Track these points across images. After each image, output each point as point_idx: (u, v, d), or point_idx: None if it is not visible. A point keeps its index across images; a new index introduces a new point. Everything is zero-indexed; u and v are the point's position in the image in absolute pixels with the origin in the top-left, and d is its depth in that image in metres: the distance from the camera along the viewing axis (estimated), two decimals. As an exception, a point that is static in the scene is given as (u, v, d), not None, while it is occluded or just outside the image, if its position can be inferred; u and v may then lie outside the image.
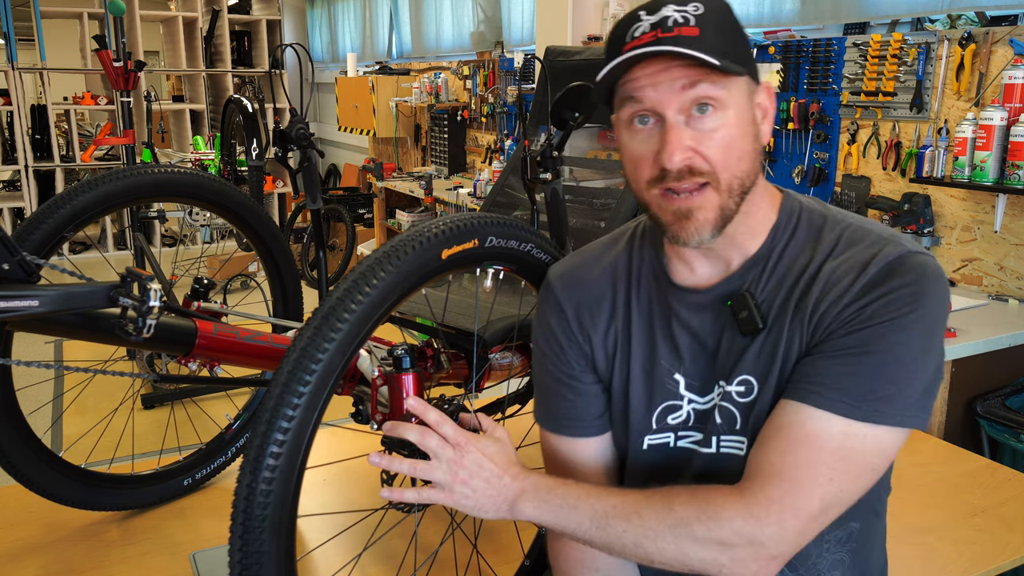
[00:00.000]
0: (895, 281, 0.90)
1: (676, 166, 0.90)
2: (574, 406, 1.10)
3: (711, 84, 0.89)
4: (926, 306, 0.90)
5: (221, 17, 7.89)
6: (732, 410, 1.00)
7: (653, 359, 1.05)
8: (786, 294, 0.97)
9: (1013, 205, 2.65)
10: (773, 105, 0.99)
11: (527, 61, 4.91)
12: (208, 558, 1.52)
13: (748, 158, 0.94)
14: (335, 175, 8.58)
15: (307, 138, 1.84)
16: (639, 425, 1.06)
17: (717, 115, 0.91)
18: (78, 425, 3.55)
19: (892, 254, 0.92)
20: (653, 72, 0.90)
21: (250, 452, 0.92)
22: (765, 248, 0.99)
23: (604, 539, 0.95)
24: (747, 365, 0.98)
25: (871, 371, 0.89)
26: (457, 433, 1.00)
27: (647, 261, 1.07)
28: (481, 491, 0.99)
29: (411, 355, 1.19)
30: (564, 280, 1.12)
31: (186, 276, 5.36)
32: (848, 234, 0.97)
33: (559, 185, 1.56)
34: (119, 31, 3.66)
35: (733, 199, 0.93)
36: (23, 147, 6.88)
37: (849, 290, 0.92)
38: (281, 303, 1.85)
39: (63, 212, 1.42)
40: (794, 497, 0.89)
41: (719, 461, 1.02)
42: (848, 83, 3.10)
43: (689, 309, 1.03)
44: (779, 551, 0.90)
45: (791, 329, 0.95)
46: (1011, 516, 1.66)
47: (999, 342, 2.29)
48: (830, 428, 0.90)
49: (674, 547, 0.91)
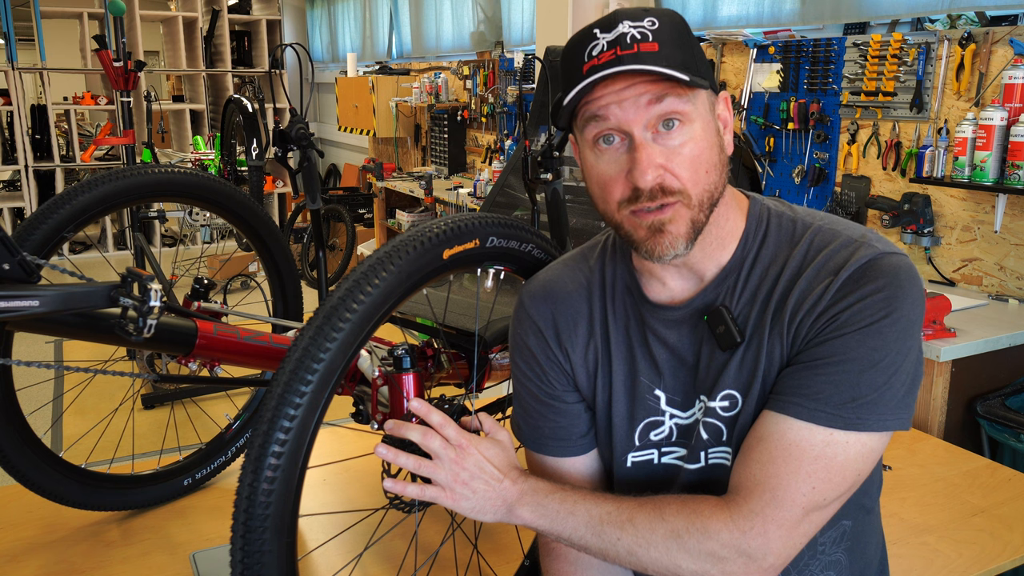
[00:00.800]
0: (868, 287, 0.89)
1: (648, 184, 0.89)
2: (558, 426, 1.09)
3: (677, 98, 0.89)
4: (900, 309, 0.89)
5: (221, 17, 7.89)
6: (718, 424, 0.99)
7: (633, 375, 1.04)
8: (762, 305, 0.96)
9: (1013, 205, 2.65)
10: (732, 115, 0.99)
11: (527, 61, 4.91)
12: (208, 558, 1.52)
13: (715, 170, 0.93)
14: (335, 175, 8.58)
15: (307, 138, 1.84)
16: (622, 443, 1.06)
17: (684, 129, 0.90)
18: (78, 425, 3.55)
19: (864, 257, 0.91)
20: (618, 90, 0.89)
21: (252, 452, 0.92)
22: (736, 257, 0.99)
23: (599, 545, 0.95)
24: (729, 380, 0.97)
25: (850, 379, 0.89)
26: (459, 435, 1.00)
27: (619, 276, 1.06)
28: (481, 493, 0.99)
29: (411, 355, 1.19)
30: (538, 299, 1.10)
31: (186, 276, 5.37)
32: (819, 238, 0.96)
33: (559, 185, 1.56)
34: (119, 31, 3.66)
35: (703, 212, 0.93)
36: (23, 147, 6.88)
37: (823, 296, 0.91)
38: (281, 303, 1.85)
39: (63, 212, 1.42)
40: (776, 508, 0.89)
41: (707, 473, 1.01)
42: (848, 83, 3.10)
43: (665, 325, 1.02)
44: (768, 563, 0.90)
45: (771, 340, 0.94)
46: (1011, 516, 1.67)
47: (999, 342, 2.29)
48: (811, 438, 0.89)
49: (666, 558, 0.92)
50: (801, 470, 0.89)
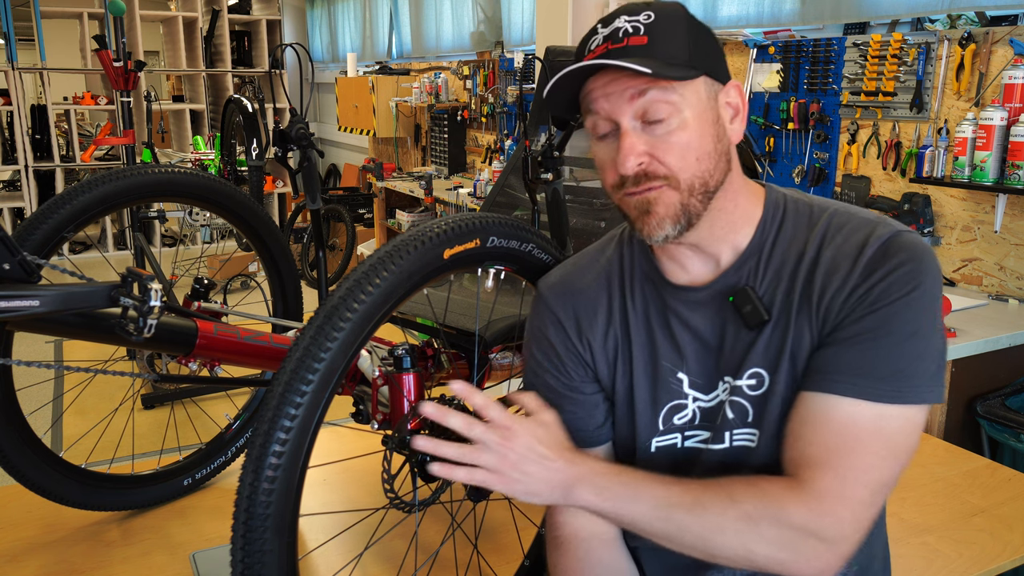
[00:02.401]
0: (893, 260, 0.92)
1: (629, 172, 0.93)
2: (575, 417, 1.09)
3: (660, 91, 0.91)
4: (925, 283, 0.92)
5: (221, 17, 7.89)
6: (744, 404, 1.00)
7: (654, 360, 1.05)
8: (788, 284, 0.97)
9: (1013, 205, 2.65)
10: (744, 102, 1.00)
11: (527, 61, 4.91)
12: (208, 558, 1.52)
13: (709, 158, 0.95)
14: (335, 175, 8.58)
15: (307, 138, 1.84)
16: (646, 428, 1.06)
17: (672, 119, 0.92)
18: (78, 425, 3.55)
19: (884, 235, 0.94)
20: (604, 83, 0.94)
21: (253, 451, 0.92)
22: (756, 241, 1.00)
23: (665, 530, 0.93)
24: (756, 358, 0.98)
25: (888, 352, 0.90)
26: (503, 416, 0.97)
27: (638, 263, 1.08)
28: (534, 475, 0.95)
29: (411, 355, 1.19)
30: (557, 290, 1.11)
31: (186, 276, 5.37)
32: (837, 220, 0.98)
33: (560, 185, 1.56)
34: (119, 31, 3.66)
35: (695, 197, 0.95)
36: (23, 147, 6.88)
37: (851, 274, 0.93)
38: (281, 303, 1.85)
39: (63, 212, 1.42)
40: (843, 487, 0.89)
41: (730, 455, 1.02)
42: (848, 83, 3.10)
43: (687, 307, 1.03)
44: (841, 549, 0.90)
45: (799, 319, 0.96)
46: (1011, 516, 1.66)
47: (999, 342, 2.29)
48: (862, 413, 0.90)
49: (738, 542, 0.90)
50: (862, 448, 0.90)
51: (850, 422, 0.90)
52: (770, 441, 0.99)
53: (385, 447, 1.10)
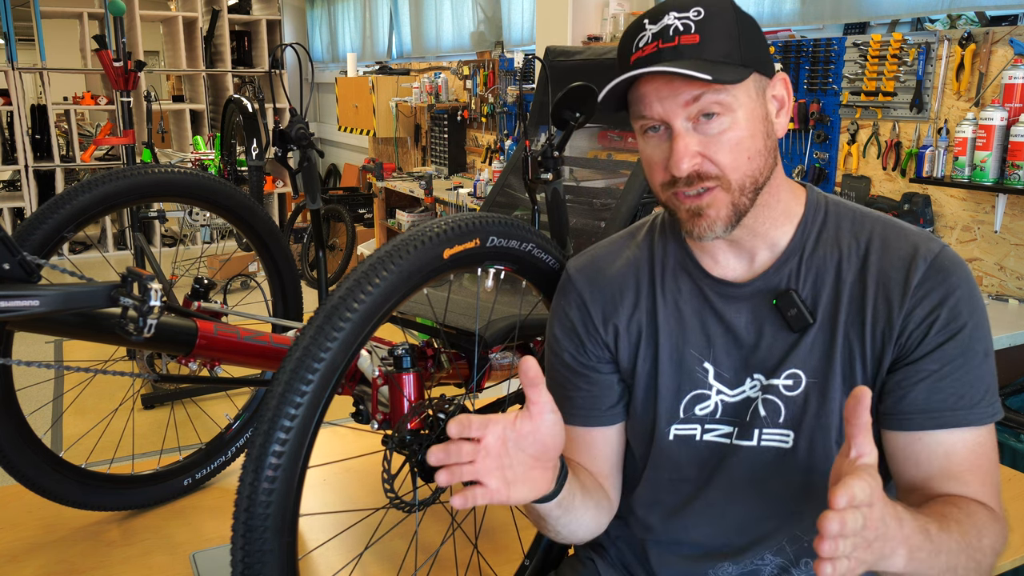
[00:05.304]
0: (951, 281, 0.94)
1: (683, 173, 0.93)
2: (589, 395, 1.10)
3: (715, 93, 0.91)
4: (980, 300, 0.96)
5: (221, 17, 7.88)
6: (777, 403, 1.01)
7: (681, 348, 1.05)
8: (833, 290, 0.98)
9: (1013, 205, 2.65)
10: (790, 94, 1.00)
11: (527, 61, 4.91)
12: (208, 558, 1.52)
13: (759, 156, 0.95)
14: (335, 175, 8.58)
15: (307, 138, 1.84)
16: (667, 412, 1.06)
17: (724, 118, 0.92)
18: (78, 425, 3.55)
19: (931, 251, 0.96)
20: (657, 87, 0.93)
21: (253, 451, 0.92)
22: (796, 241, 1.01)
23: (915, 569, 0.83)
24: (797, 360, 0.99)
25: (978, 373, 0.95)
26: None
27: (671, 253, 1.08)
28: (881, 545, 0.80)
29: (411, 355, 1.19)
30: (585, 272, 1.13)
31: (186, 276, 5.37)
32: (880, 227, 1.00)
33: (560, 185, 1.56)
34: (119, 31, 3.66)
35: (745, 196, 0.95)
36: (23, 147, 6.87)
37: (908, 294, 0.95)
38: (281, 303, 1.85)
39: (63, 212, 1.42)
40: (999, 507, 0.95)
41: (758, 454, 1.03)
42: (848, 83, 3.10)
43: (725, 301, 1.04)
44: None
45: (847, 327, 0.97)
46: (1011, 516, 1.65)
47: (999, 342, 2.29)
48: (984, 438, 0.96)
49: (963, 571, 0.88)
50: (995, 469, 0.97)
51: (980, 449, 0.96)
52: (807, 445, 1.00)
53: (385, 447, 1.11)
